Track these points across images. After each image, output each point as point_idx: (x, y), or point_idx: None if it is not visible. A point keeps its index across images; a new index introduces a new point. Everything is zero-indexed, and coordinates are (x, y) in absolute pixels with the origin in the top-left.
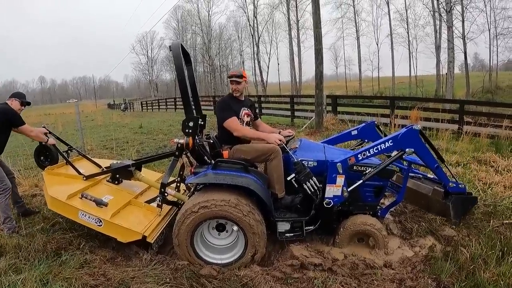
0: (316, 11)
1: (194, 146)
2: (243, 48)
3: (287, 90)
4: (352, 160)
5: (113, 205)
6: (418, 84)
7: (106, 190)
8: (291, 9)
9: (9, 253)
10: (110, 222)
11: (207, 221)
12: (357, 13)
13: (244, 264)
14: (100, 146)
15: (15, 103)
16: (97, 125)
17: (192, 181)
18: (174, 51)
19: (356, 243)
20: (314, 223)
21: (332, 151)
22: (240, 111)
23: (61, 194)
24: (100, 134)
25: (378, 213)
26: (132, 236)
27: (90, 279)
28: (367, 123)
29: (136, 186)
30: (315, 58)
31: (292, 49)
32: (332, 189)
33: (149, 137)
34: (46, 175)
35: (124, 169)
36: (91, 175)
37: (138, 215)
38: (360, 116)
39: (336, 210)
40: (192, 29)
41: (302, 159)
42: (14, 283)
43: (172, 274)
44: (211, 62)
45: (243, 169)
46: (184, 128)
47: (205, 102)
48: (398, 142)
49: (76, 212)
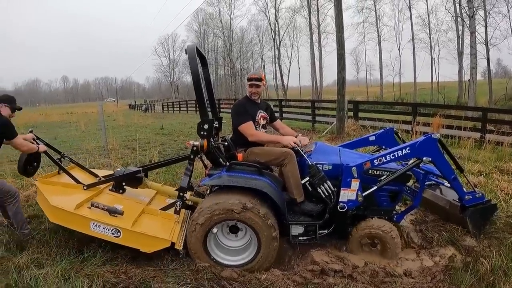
0: (339, 15)
1: (209, 148)
2: (264, 52)
3: (307, 94)
4: (367, 165)
5: (128, 214)
6: (440, 91)
7: (112, 199)
8: (313, 13)
9: (31, 247)
10: (131, 231)
11: (220, 223)
12: (378, 18)
13: (255, 267)
14: (122, 146)
15: (5, 109)
16: (118, 125)
17: (207, 183)
18: (189, 54)
19: (369, 249)
20: (328, 227)
21: (348, 154)
22: (256, 114)
23: (66, 204)
24: (122, 134)
25: (394, 218)
26: (159, 245)
27: (112, 276)
28: (386, 130)
29: (141, 195)
30: (337, 63)
31: (313, 53)
32: (346, 193)
33: (170, 139)
34: (40, 184)
35: (132, 175)
36: (92, 184)
37: (157, 222)
38: (382, 122)
39: (351, 215)
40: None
41: (317, 163)
42: (36, 278)
43: (193, 275)
44: (232, 65)
45: (257, 172)
46: (199, 131)
47: (226, 104)
48: (415, 150)
49: (87, 223)
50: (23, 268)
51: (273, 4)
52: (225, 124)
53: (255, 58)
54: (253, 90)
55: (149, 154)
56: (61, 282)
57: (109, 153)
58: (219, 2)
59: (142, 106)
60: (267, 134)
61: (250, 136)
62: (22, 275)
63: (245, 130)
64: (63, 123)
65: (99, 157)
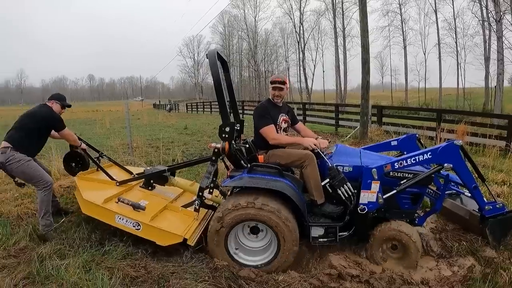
0: (364, 19)
1: (230, 150)
2: (288, 54)
3: (331, 98)
4: (388, 168)
5: (150, 209)
6: (466, 97)
7: (140, 195)
8: (337, 16)
9: (54, 238)
10: (149, 225)
11: (241, 223)
12: (404, 21)
13: (273, 268)
14: (146, 144)
15: (56, 106)
16: (143, 124)
17: (228, 184)
18: (210, 59)
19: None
20: (349, 229)
21: (369, 156)
22: (278, 117)
23: (96, 198)
24: (146, 133)
25: (416, 221)
26: (172, 239)
27: (131, 270)
28: (408, 135)
29: (169, 192)
30: (362, 67)
31: (338, 57)
32: (366, 195)
33: (193, 139)
34: (78, 180)
35: (159, 174)
36: (124, 181)
37: (176, 219)
38: (406, 128)
39: (372, 217)
40: (238, 34)
41: (337, 164)
42: (58, 267)
43: (211, 273)
44: (257, 67)
45: (278, 174)
46: (221, 133)
47: (249, 106)
48: (437, 155)
49: (112, 216)
50: (46, 258)
51: (298, 6)
52: (247, 126)
53: (280, 61)
54: (276, 93)
55: (172, 153)
56: (82, 273)
57: (133, 151)
58: (244, 4)
59: (166, 105)
60: (288, 136)
61: (271, 139)
62: (44, 264)
63: (266, 133)
64: (88, 120)
65: (123, 155)
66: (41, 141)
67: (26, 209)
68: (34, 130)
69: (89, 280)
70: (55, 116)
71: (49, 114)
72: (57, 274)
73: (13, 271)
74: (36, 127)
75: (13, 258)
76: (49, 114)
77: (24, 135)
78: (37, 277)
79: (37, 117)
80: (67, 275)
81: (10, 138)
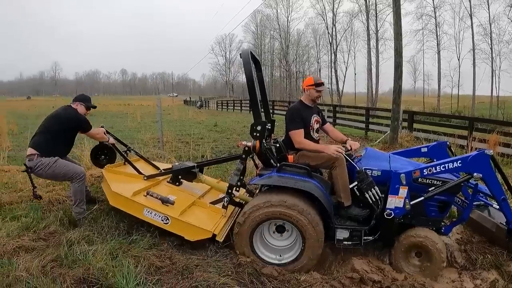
0: (397, 21)
1: (261, 149)
2: (320, 56)
3: (362, 101)
4: (417, 174)
5: (179, 204)
6: (500, 106)
7: (168, 190)
8: (371, 18)
9: (84, 225)
10: (178, 220)
11: (267, 221)
12: (438, 25)
13: (297, 268)
14: (176, 139)
15: (81, 107)
16: (173, 119)
17: (257, 182)
18: (244, 59)
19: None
20: (374, 234)
21: (398, 161)
22: (311, 118)
23: (125, 191)
24: (176, 128)
25: (442, 229)
26: (201, 234)
27: (157, 260)
28: (439, 142)
29: (196, 188)
30: (395, 71)
31: (370, 60)
32: (394, 200)
33: (223, 136)
34: (106, 172)
35: (187, 170)
36: (152, 175)
37: (204, 215)
38: (437, 135)
39: (398, 223)
40: (270, 33)
41: (366, 168)
42: (86, 253)
43: (235, 268)
44: (288, 67)
45: (307, 174)
46: (252, 132)
47: (280, 106)
48: (466, 164)
49: (141, 209)
50: (74, 243)
51: (331, 7)
52: (277, 126)
53: (311, 62)
54: (318, 94)
55: (202, 149)
56: (109, 259)
57: (163, 145)
58: (277, 4)
59: (197, 102)
60: (313, 143)
61: (297, 143)
62: (72, 249)
63: (294, 136)
64: (120, 114)
65: (153, 148)
66: (68, 143)
67: (57, 196)
68: (60, 132)
69: (115, 267)
70: (80, 117)
71: (74, 115)
72: (84, 259)
73: (42, 253)
74: (62, 129)
75: (42, 241)
76: (74, 115)
77: (50, 137)
78: (64, 260)
79: (62, 119)
80: (94, 260)
81: (36, 144)
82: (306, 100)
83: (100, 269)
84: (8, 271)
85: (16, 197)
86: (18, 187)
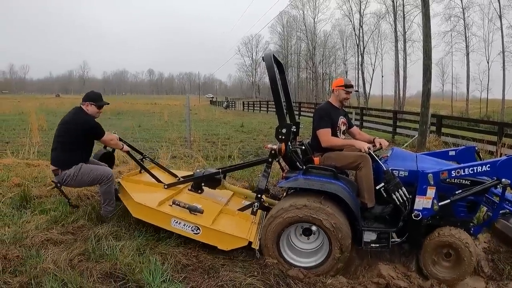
0: (426, 23)
1: (286, 152)
2: (347, 58)
3: (389, 104)
4: (444, 175)
5: (208, 212)
6: None
7: (191, 198)
8: (398, 19)
9: (112, 220)
10: (211, 229)
11: (294, 224)
12: (467, 27)
13: (323, 272)
14: (203, 139)
15: (92, 108)
16: (200, 119)
17: (283, 185)
18: (266, 62)
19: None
20: (402, 236)
21: (425, 161)
22: (338, 119)
23: (149, 201)
24: (203, 128)
25: (471, 230)
26: (236, 243)
27: (183, 258)
28: (467, 147)
29: (218, 195)
30: (423, 74)
31: (398, 62)
32: (421, 201)
33: (249, 136)
34: (124, 182)
35: (211, 177)
36: (173, 183)
37: (234, 222)
38: (465, 140)
39: (425, 224)
40: (297, 34)
41: (392, 168)
42: (113, 248)
43: (261, 269)
44: (314, 69)
45: (333, 176)
46: (277, 135)
47: (306, 108)
48: (495, 168)
49: (168, 220)
50: (102, 238)
51: (357, 9)
52: (303, 128)
53: (338, 63)
54: (348, 96)
55: (229, 150)
56: (136, 255)
57: (191, 145)
58: (304, 5)
59: (223, 103)
60: (340, 139)
61: (324, 142)
62: (100, 243)
63: (321, 135)
64: (147, 113)
65: (181, 147)
66: (87, 148)
67: (86, 191)
68: (73, 143)
69: (142, 263)
70: (91, 124)
71: (83, 124)
72: (112, 254)
73: (69, 246)
74: (74, 141)
75: (70, 235)
76: (83, 124)
77: (66, 149)
78: (92, 254)
79: (72, 131)
80: (121, 256)
81: (55, 160)
82: (334, 101)
83: (127, 265)
84: (36, 263)
85: (45, 191)
86: (47, 181)
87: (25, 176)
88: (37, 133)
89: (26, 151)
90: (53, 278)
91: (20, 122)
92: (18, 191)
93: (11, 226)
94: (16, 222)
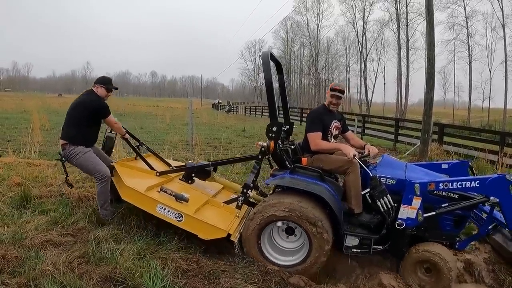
0: (430, 31)
1: (275, 149)
2: (350, 64)
3: (391, 111)
4: (431, 186)
5: (193, 202)
6: None
7: (180, 188)
8: (401, 27)
9: (112, 223)
10: (193, 217)
11: (277, 221)
12: (470, 36)
13: (302, 270)
14: (204, 143)
15: (101, 90)
16: (202, 122)
17: (270, 182)
18: (263, 59)
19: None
20: (384, 244)
21: (415, 170)
22: (331, 123)
23: (138, 185)
24: (205, 132)
25: (456, 244)
26: (216, 234)
27: (184, 263)
28: (461, 161)
29: (208, 187)
30: (426, 82)
31: (400, 70)
32: (406, 210)
33: (251, 141)
34: (118, 167)
35: (202, 168)
36: (164, 172)
37: (218, 214)
38: (467, 149)
39: (410, 234)
40: (300, 40)
41: (380, 176)
42: (113, 251)
43: (262, 276)
44: (317, 75)
45: (319, 177)
46: (267, 132)
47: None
48: (484, 186)
49: (154, 205)
50: (102, 241)
51: (361, 16)
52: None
53: (340, 70)
54: (334, 101)
55: (230, 154)
56: (136, 259)
57: (193, 148)
58: (307, 11)
59: (225, 106)
60: (329, 143)
61: (313, 145)
62: (100, 246)
63: (311, 138)
64: (149, 115)
65: (183, 151)
66: (93, 129)
67: (87, 192)
68: (82, 120)
69: (142, 267)
70: (99, 103)
71: (91, 102)
72: (112, 257)
73: (69, 248)
74: (84, 117)
75: (70, 237)
76: (91, 102)
77: (75, 125)
78: (92, 257)
79: (80, 108)
80: (122, 259)
81: (64, 134)
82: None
83: (127, 269)
84: (35, 264)
85: (45, 191)
86: (48, 182)
87: (26, 176)
88: (39, 132)
89: (28, 150)
90: (52, 280)
91: (23, 120)
92: (18, 190)
93: (11, 226)
94: (16, 222)
